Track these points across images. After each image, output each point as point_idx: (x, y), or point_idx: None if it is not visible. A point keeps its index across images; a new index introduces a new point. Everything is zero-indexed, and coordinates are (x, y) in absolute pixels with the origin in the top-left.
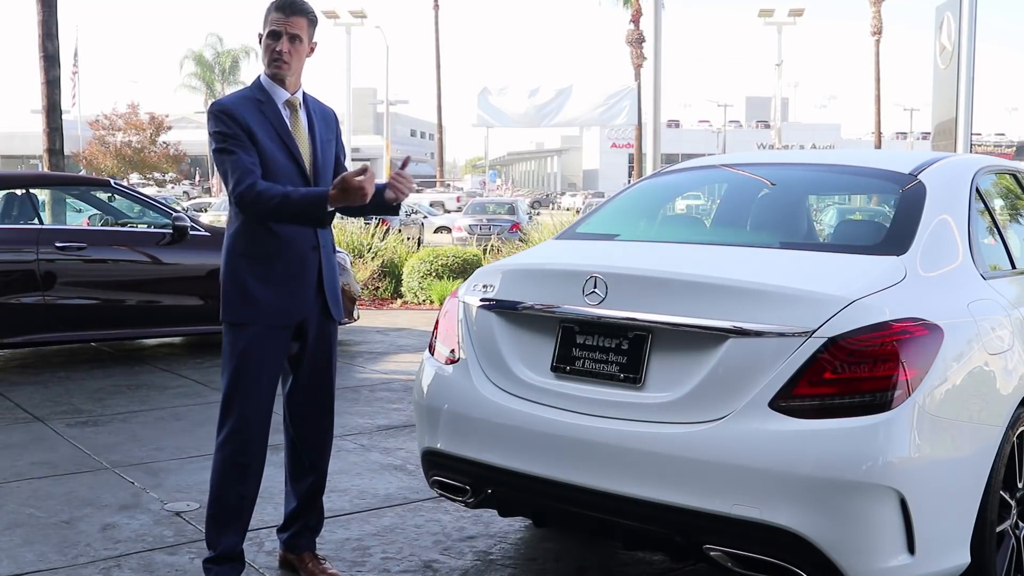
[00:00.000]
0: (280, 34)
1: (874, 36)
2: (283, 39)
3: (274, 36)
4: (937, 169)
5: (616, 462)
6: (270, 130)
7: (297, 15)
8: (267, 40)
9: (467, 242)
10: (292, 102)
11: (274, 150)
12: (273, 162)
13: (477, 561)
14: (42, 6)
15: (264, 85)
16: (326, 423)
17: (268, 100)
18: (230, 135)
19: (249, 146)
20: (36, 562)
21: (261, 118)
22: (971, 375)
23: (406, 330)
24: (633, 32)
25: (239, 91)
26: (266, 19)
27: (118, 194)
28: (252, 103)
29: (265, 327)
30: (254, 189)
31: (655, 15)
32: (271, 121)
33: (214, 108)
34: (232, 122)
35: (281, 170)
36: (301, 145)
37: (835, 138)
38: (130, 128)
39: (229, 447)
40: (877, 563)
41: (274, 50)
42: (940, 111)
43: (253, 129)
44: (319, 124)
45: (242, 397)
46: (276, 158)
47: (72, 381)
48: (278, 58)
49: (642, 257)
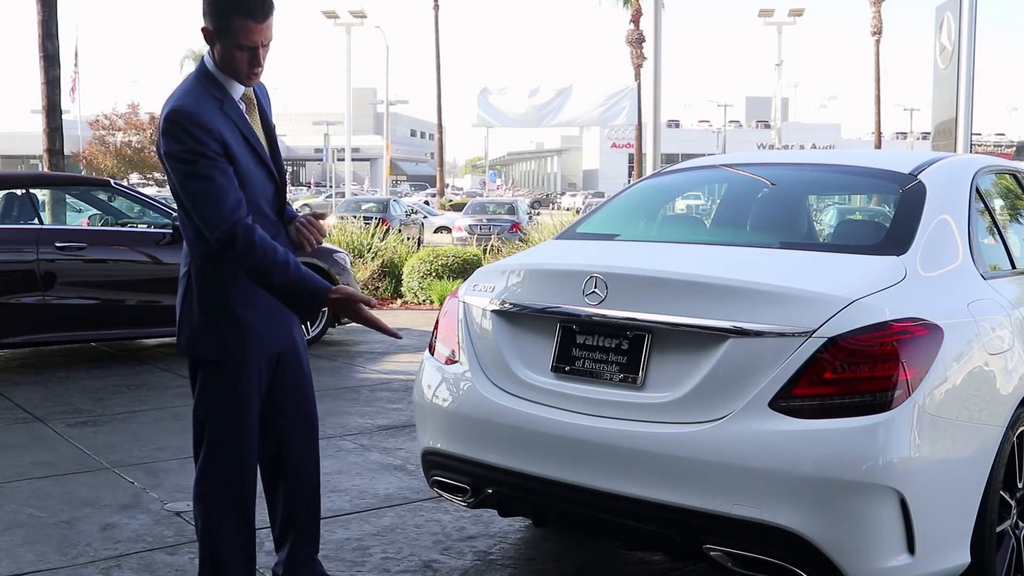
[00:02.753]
0: (256, 48)
1: (874, 36)
2: (259, 54)
3: (249, 50)
4: (937, 169)
5: (616, 462)
6: (237, 135)
7: (269, 16)
8: (238, 52)
9: (467, 242)
10: (248, 96)
11: (245, 157)
12: (249, 173)
13: (477, 561)
14: (42, 6)
15: (218, 79)
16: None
17: (226, 98)
18: (204, 152)
19: (227, 166)
20: (36, 562)
21: (226, 121)
22: (971, 375)
23: (406, 330)
24: (633, 32)
25: (190, 86)
26: (227, 22)
27: (118, 194)
28: (213, 103)
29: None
30: (251, 235)
31: (655, 15)
32: (236, 122)
33: (175, 115)
34: (206, 134)
35: (252, 179)
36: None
37: (835, 138)
38: (130, 128)
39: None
40: (877, 563)
41: (249, 64)
42: (940, 111)
43: (226, 140)
44: (268, 110)
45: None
46: (248, 167)
47: (72, 381)
48: (255, 73)
49: (642, 257)
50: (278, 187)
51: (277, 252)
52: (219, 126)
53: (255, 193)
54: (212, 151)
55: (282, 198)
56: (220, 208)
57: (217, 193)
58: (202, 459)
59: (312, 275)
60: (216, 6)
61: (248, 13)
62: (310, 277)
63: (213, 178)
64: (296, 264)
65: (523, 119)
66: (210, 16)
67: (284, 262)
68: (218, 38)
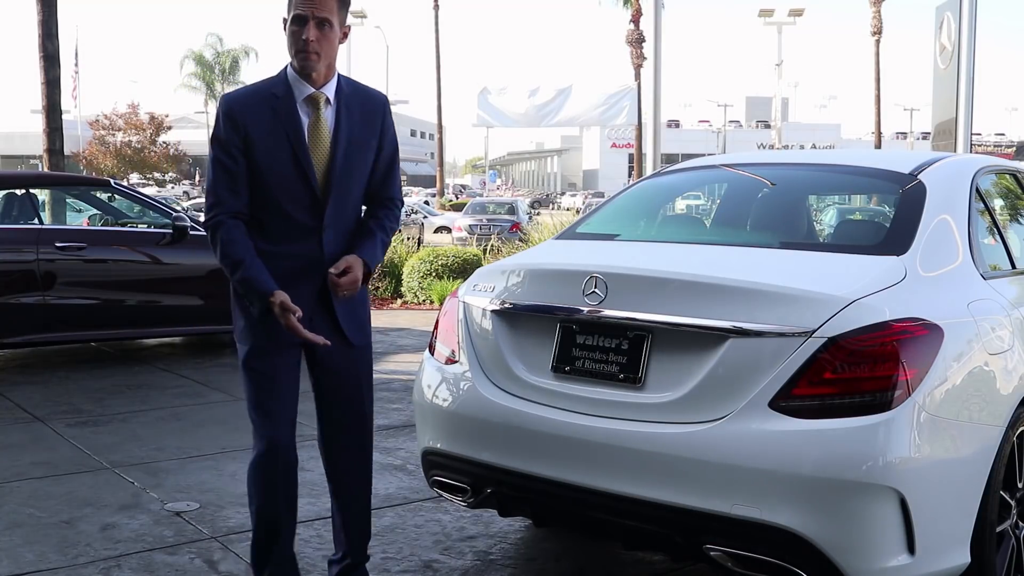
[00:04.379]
0: (306, 19)
1: (874, 36)
2: (310, 25)
3: (299, 21)
4: (937, 169)
5: (616, 462)
6: (279, 134)
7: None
8: (291, 27)
9: (467, 242)
10: (315, 98)
11: (278, 158)
12: (272, 173)
13: (477, 561)
14: (42, 6)
15: (288, 78)
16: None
17: (286, 96)
18: (222, 142)
19: (238, 162)
20: (36, 562)
21: (270, 119)
22: (971, 375)
23: (406, 330)
24: (633, 32)
25: (259, 82)
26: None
27: (118, 194)
28: (265, 100)
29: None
30: (218, 231)
31: (655, 15)
32: (283, 123)
33: (221, 104)
34: (229, 127)
35: (282, 182)
36: (316, 151)
37: (835, 138)
38: (130, 128)
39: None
40: (877, 563)
41: (300, 39)
42: (940, 111)
43: (252, 136)
44: (350, 122)
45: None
46: (278, 168)
47: (72, 381)
48: (305, 49)
49: (642, 257)
50: (316, 195)
51: (235, 249)
52: (250, 122)
53: (280, 195)
54: (230, 143)
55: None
56: (209, 199)
57: (213, 182)
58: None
59: (259, 278)
60: None
61: None
62: (255, 280)
63: (216, 167)
64: (250, 264)
65: (523, 119)
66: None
67: (239, 261)
68: (287, 15)
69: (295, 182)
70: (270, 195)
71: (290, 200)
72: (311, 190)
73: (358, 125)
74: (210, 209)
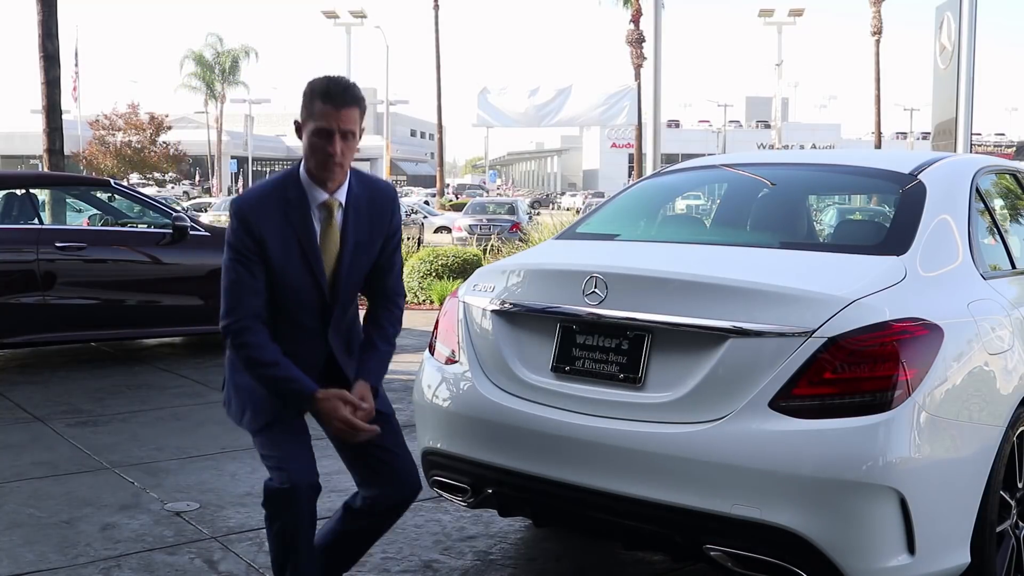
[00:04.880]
0: (332, 132)
1: (874, 36)
2: (335, 139)
3: (324, 135)
4: (937, 169)
5: (616, 462)
6: (291, 239)
7: (349, 106)
8: (313, 138)
9: (467, 242)
10: (329, 205)
11: (291, 262)
12: (285, 276)
13: (477, 561)
14: (42, 6)
15: (301, 181)
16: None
17: (299, 200)
18: (237, 247)
19: (255, 265)
20: (36, 562)
21: (283, 224)
22: (971, 375)
23: (406, 330)
24: (633, 32)
25: (270, 181)
26: (309, 108)
27: (118, 194)
28: (278, 203)
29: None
30: (243, 336)
31: (655, 15)
32: (295, 227)
33: (234, 208)
34: (243, 231)
35: (293, 286)
36: (326, 254)
37: (835, 138)
38: (130, 128)
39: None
40: (877, 563)
41: (325, 152)
42: (940, 111)
43: (266, 239)
44: (359, 225)
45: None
46: (291, 272)
47: (72, 381)
48: (329, 162)
49: (642, 257)
50: (325, 301)
51: (267, 352)
52: (265, 224)
53: (292, 300)
54: (245, 247)
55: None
56: (228, 301)
57: (232, 288)
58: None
59: (299, 381)
60: (307, 94)
61: (329, 98)
62: (296, 383)
63: (235, 272)
64: (285, 365)
65: (523, 119)
66: (302, 106)
67: (273, 362)
68: (303, 126)
69: (306, 287)
70: (280, 298)
71: (298, 304)
72: (321, 296)
73: (366, 226)
74: (230, 312)
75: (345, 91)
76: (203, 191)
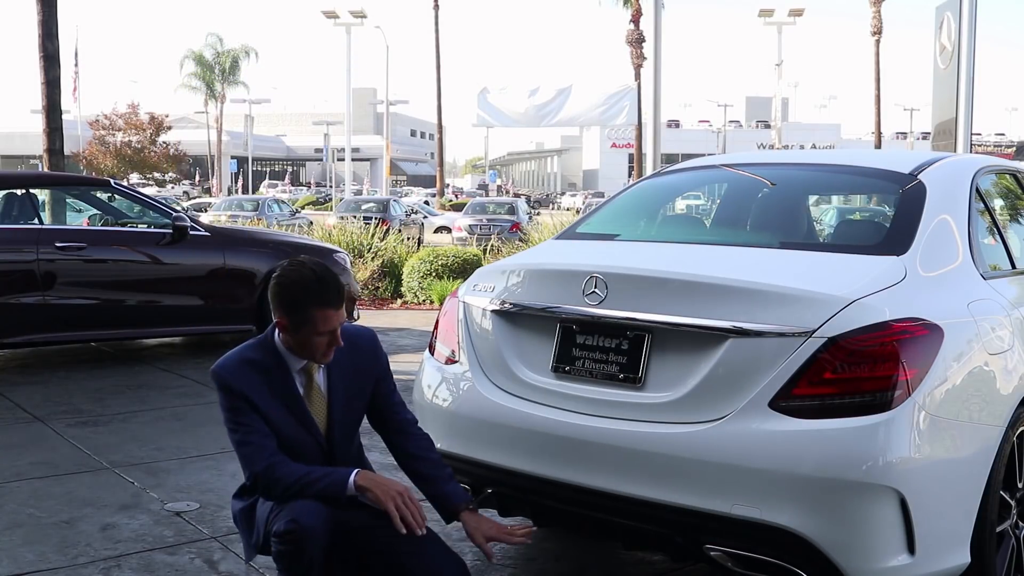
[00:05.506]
0: (335, 331)
1: (874, 36)
2: (336, 333)
3: (329, 334)
4: (937, 169)
5: (616, 462)
6: (278, 402)
7: (344, 301)
8: (317, 338)
9: (467, 242)
10: (308, 370)
11: (284, 420)
12: (280, 433)
13: (477, 561)
14: (42, 6)
15: (279, 350)
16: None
17: (278, 366)
18: (231, 407)
19: (254, 414)
20: (36, 562)
21: (266, 388)
22: (971, 375)
23: (406, 330)
24: (633, 32)
25: (244, 348)
26: (306, 314)
27: (118, 194)
28: (257, 370)
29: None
30: (274, 472)
31: (655, 15)
32: (279, 394)
33: (214, 378)
34: (231, 397)
35: (290, 440)
36: (316, 413)
37: (835, 138)
38: (130, 128)
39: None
40: (877, 563)
41: (328, 345)
42: (940, 111)
43: (254, 400)
44: (343, 380)
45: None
46: (285, 428)
47: (72, 381)
48: (330, 352)
49: (642, 257)
50: (323, 449)
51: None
52: (247, 388)
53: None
54: (237, 406)
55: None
56: (247, 454)
57: (244, 442)
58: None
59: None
60: (293, 302)
61: (327, 303)
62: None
63: (239, 426)
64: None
65: (523, 119)
66: (286, 310)
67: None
68: (295, 329)
69: (304, 442)
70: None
71: (301, 456)
72: (319, 446)
73: (350, 378)
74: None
75: (336, 286)
76: (203, 191)
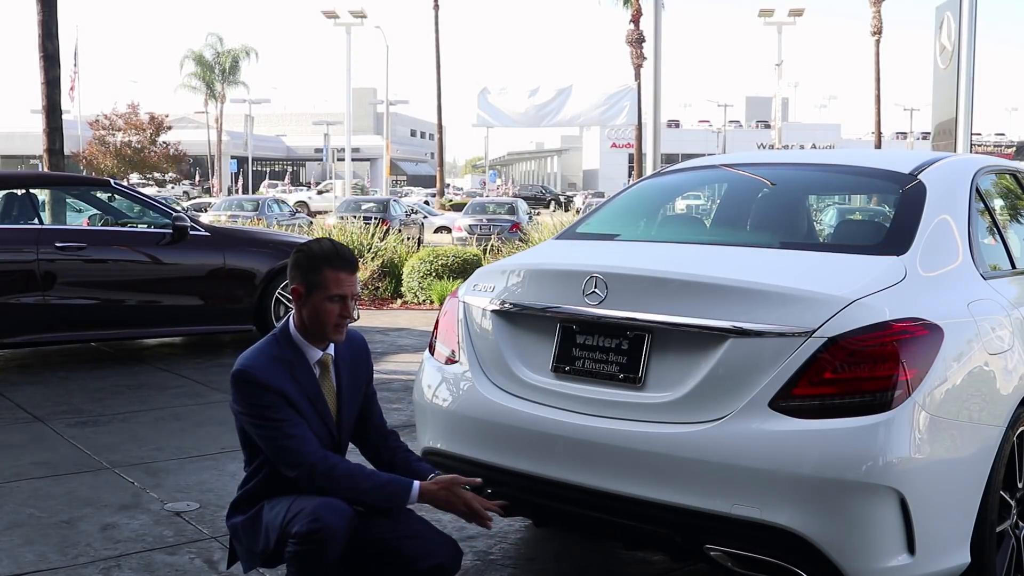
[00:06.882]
0: (346, 297)
1: (874, 36)
2: (348, 302)
3: (339, 299)
4: (937, 169)
5: (616, 462)
6: (301, 394)
7: (357, 270)
8: (328, 304)
9: (467, 242)
10: (324, 361)
11: (308, 413)
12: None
13: (477, 561)
14: (42, 6)
15: (295, 341)
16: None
17: (299, 360)
18: (262, 404)
19: (288, 409)
20: (36, 562)
21: (292, 382)
22: (971, 375)
23: (406, 330)
24: (633, 32)
25: (262, 346)
26: (315, 275)
27: (118, 194)
28: (282, 365)
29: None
30: (335, 471)
31: (655, 15)
32: (302, 384)
33: (239, 376)
34: (260, 391)
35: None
36: (330, 407)
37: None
38: (130, 128)
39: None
40: (877, 563)
41: (339, 315)
42: (940, 111)
43: (287, 393)
44: (348, 375)
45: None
46: (310, 423)
47: (72, 381)
48: (344, 323)
49: (642, 257)
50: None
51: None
52: (276, 381)
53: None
54: (270, 401)
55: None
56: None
57: (284, 441)
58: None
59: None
60: (309, 261)
61: (340, 267)
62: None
63: (279, 430)
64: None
65: (523, 119)
66: (300, 273)
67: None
68: (308, 293)
69: (319, 433)
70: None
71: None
72: (334, 441)
73: (351, 375)
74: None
75: (352, 255)
76: (203, 191)
